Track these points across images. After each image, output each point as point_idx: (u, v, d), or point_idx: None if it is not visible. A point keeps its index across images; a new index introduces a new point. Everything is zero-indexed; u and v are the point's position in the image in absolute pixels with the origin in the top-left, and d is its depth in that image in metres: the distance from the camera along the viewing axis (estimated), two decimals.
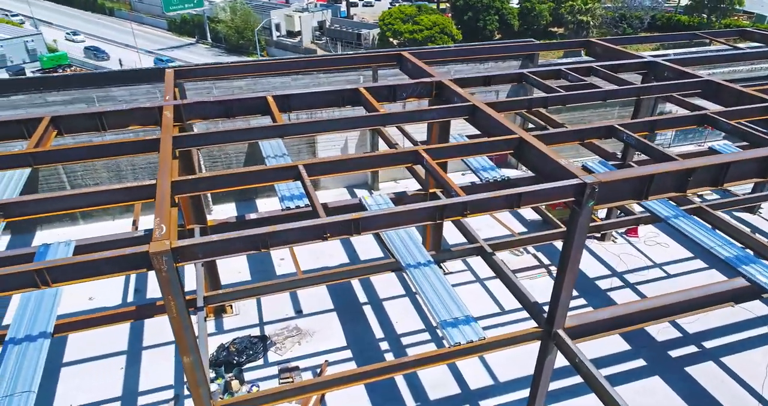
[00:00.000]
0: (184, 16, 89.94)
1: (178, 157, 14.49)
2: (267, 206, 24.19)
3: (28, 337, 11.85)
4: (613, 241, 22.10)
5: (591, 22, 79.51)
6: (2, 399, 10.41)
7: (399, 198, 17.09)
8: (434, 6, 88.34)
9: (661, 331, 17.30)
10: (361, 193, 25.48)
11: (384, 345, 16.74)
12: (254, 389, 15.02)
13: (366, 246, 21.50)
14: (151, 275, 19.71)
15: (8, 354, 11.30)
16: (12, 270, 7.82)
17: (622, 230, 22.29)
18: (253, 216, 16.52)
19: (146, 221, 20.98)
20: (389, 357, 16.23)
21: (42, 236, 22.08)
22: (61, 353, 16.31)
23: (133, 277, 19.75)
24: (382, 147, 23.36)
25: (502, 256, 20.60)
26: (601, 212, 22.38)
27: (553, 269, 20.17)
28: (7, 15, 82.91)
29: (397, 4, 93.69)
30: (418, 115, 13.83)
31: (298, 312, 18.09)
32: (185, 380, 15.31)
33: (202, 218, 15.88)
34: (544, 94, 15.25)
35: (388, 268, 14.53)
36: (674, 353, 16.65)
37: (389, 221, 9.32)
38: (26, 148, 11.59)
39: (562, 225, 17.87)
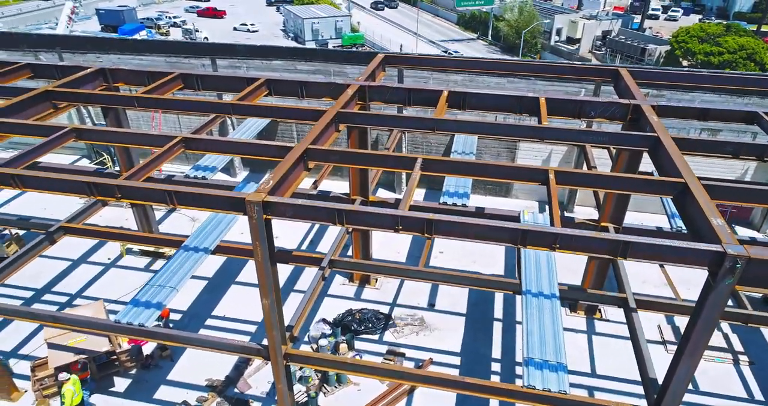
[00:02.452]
0: (474, 12, 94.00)
1: (353, 134, 15.93)
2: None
3: (195, 248, 14.76)
4: None
5: None
6: (156, 287, 13.30)
7: (564, 223, 15.73)
8: (752, 27, 74.53)
9: None
10: None
11: (495, 366, 15.92)
12: (357, 357, 15.94)
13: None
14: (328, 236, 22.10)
15: (176, 257, 14.29)
16: (155, 186, 9.99)
17: None
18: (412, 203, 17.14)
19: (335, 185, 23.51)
20: (495, 380, 15.41)
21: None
22: (236, 273, 19.70)
23: (315, 229, 22.39)
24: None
25: (682, 322, 17.41)
26: None
27: (745, 359, 16.20)
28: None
29: (706, 21, 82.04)
30: (582, 136, 12.51)
31: (431, 305, 18.31)
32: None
33: (365, 191, 17.17)
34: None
35: (509, 287, 13.71)
36: None
37: (463, 230, 8.94)
38: (231, 99, 14.22)
39: None
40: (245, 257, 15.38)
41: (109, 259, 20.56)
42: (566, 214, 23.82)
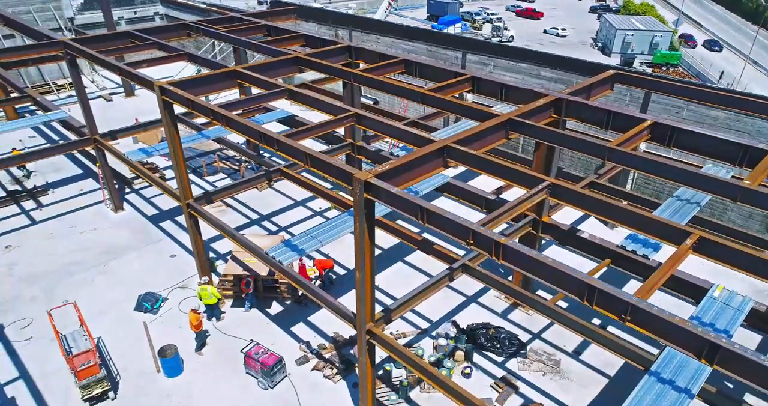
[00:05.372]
0: None
1: (541, 147, 15.12)
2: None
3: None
4: None
5: None
6: (307, 236, 15.08)
7: None
8: None
9: None
10: None
11: None
12: (467, 370, 15.43)
13: None
14: None
15: (341, 216, 15.79)
16: (298, 147, 11.46)
17: None
18: (584, 233, 15.50)
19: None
20: None
21: None
22: (406, 253, 20.74)
23: None
24: None
25: None
26: None
27: None
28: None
29: None
30: None
31: (576, 353, 16.37)
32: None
33: (539, 210, 16.08)
34: None
35: (638, 360, 11.46)
36: None
37: (528, 265, 8.00)
38: (426, 88, 14.93)
39: None
40: (396, 237, 16.23)
41: (319, 208, 23.89)
42: None
